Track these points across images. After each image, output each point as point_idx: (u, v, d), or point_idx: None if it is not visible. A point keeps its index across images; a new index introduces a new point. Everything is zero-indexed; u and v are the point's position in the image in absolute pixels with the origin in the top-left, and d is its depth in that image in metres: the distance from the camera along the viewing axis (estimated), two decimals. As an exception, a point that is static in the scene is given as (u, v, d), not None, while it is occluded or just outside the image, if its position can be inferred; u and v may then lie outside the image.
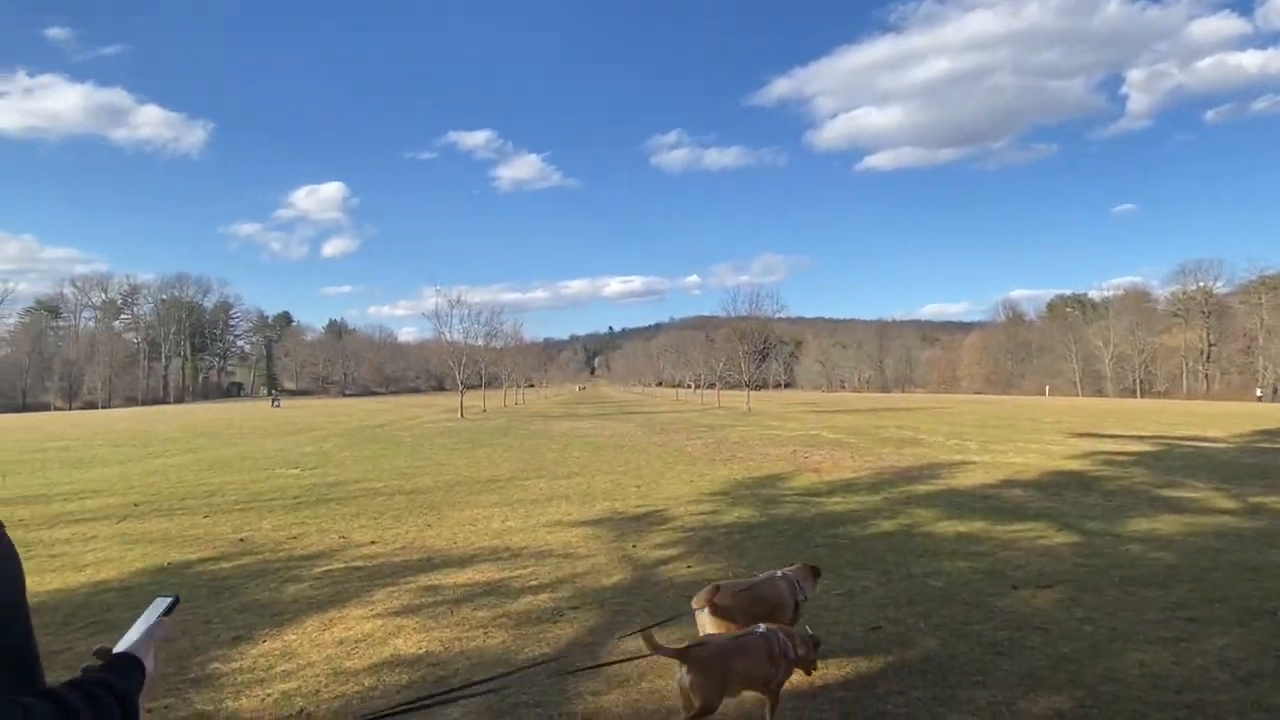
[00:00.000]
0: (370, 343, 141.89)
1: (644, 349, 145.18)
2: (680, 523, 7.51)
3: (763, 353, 39.62)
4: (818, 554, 6.01)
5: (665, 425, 24.82)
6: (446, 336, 39.07)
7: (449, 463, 14.10)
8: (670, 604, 4.75)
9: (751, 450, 15.11)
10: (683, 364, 79.63)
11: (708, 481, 10.54)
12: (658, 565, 5.81)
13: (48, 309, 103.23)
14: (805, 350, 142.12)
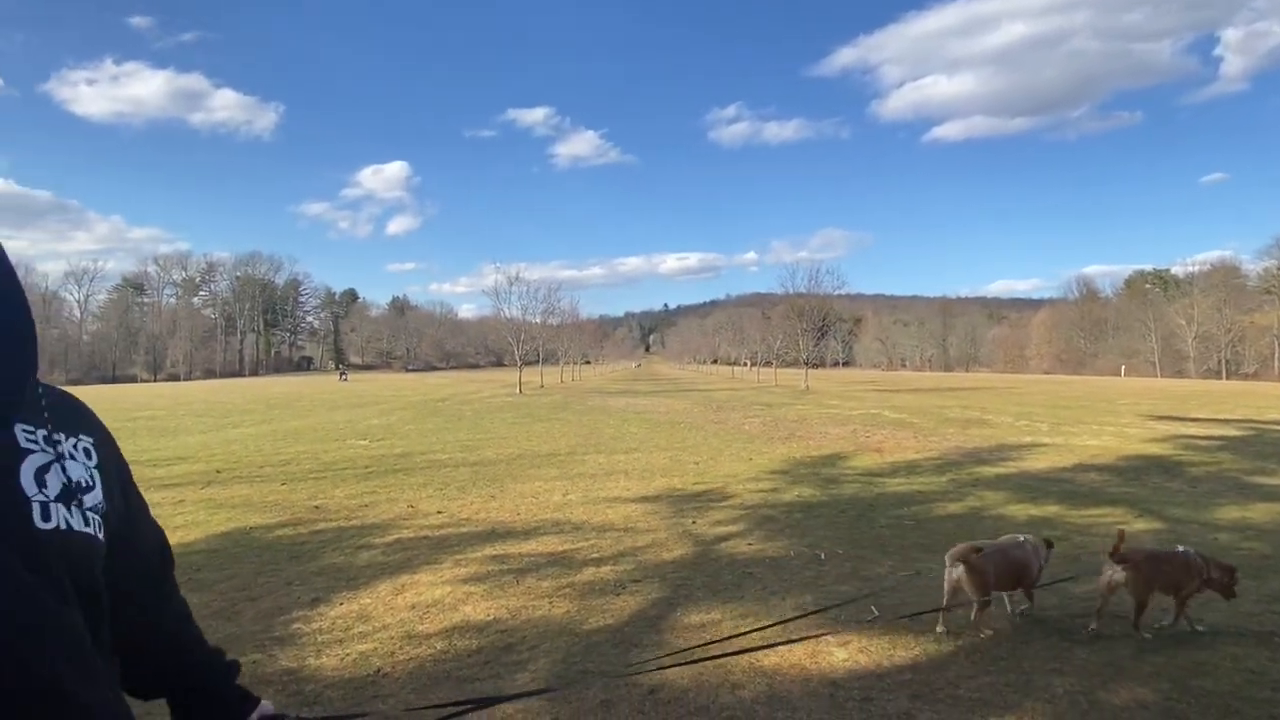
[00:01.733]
0: (431, 319, 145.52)
1: (699, 326, 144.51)
2: (739, 500, 7.48)
3: (821, 330, 38.90)
4: (882, 535, 5.91)
5: (722, 403, 24.71)
6: (505, 313, 39.68)
7: (510, 436, 14.38)
8: (732, 581, 4.76)
9: (810, 429, 14.92)
10: (739, 341, 78.95)
11: (766, 459, 10.47)
12: (718, 542, 5.81)
13: (134, 286, 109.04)
14: (864, 328, 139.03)
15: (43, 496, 0.86)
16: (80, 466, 0.93)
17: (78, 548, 0.87)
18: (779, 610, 4.20)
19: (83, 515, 0.88)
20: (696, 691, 3.17)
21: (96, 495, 0.93)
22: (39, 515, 0.85)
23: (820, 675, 3.33)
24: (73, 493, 0.89)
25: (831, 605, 4.26)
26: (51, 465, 0.89)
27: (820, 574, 4.89)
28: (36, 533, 0.84)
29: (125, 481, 1.04)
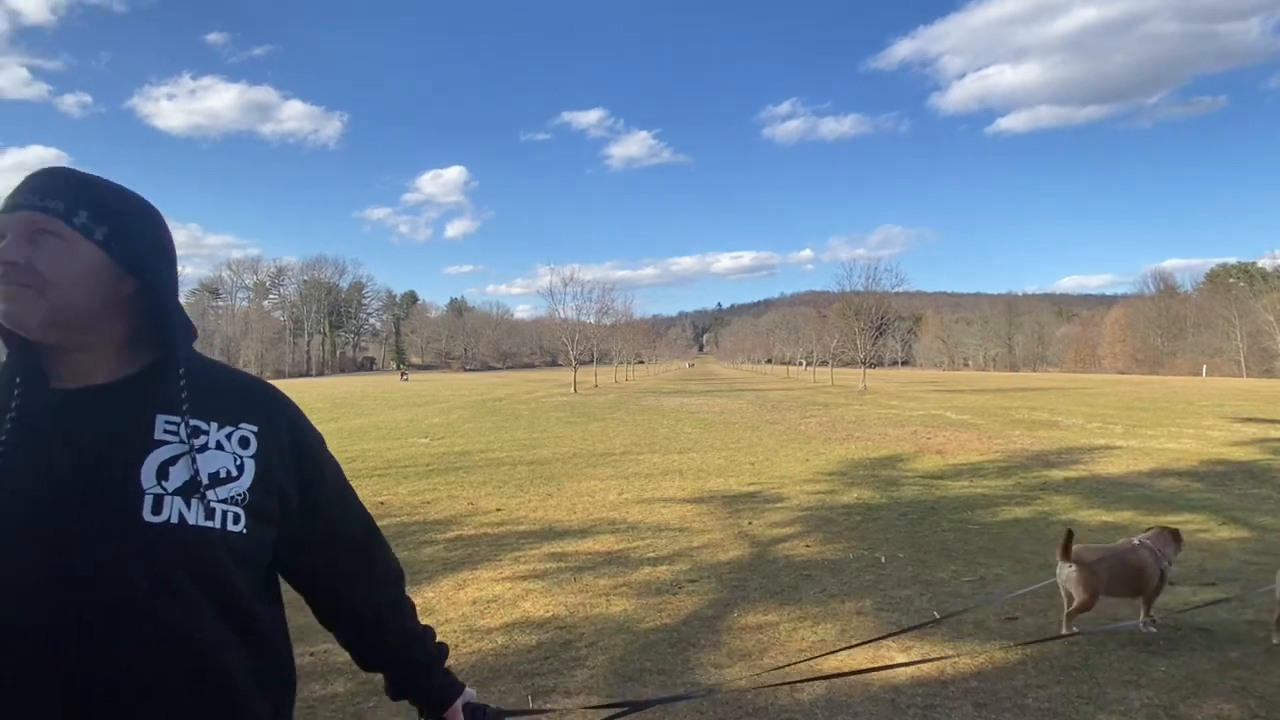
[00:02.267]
0: (488, 320, 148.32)
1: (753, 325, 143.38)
2: (796, 502, 7.40)
3: (879, 329, 38.02)
4: (945, 539, 5.77)
5: (777, 403, 24.47)
6: (560, 314, 40.15)
7: (565, 435, 14.55)
8: (790, 583, 4.72)
9: (869, 430, 14.64)
10: (794, 340, 78.03)
11: (823, 461, 10.32)
12: (774, 543, 5.77)
13: (209, 290, 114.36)
14: (925, 326, 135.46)
15: (159, 489, 0.87)
16: (225, 456, 0.93)
17: (190, 540, 0.87)
18: (838, 613, 4.15)
19: (205, 507, 0.88)
20: (755, 692, 3.16)
21: (239, 485, 0.92)
22: (149, 509, 0.86)
23: (881, 681, 3.27)
24: (196, 485, 0.89)
25: (952, 612, 4.18)
26: (181, 457, 0.90)
27: (880, 578, 4.81)
28: (144, 526, 0.85)
29: (308, 472, 1.02)
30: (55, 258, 0.88)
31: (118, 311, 0.93)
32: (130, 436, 0.89)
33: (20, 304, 0.87)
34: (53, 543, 0.83)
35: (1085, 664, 3.43)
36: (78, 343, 0.92)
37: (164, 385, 0.93)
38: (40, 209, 0.89)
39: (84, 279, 0.89)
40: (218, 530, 0.89)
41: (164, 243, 0.99)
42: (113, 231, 0.92)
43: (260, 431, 0.98)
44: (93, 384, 0.92)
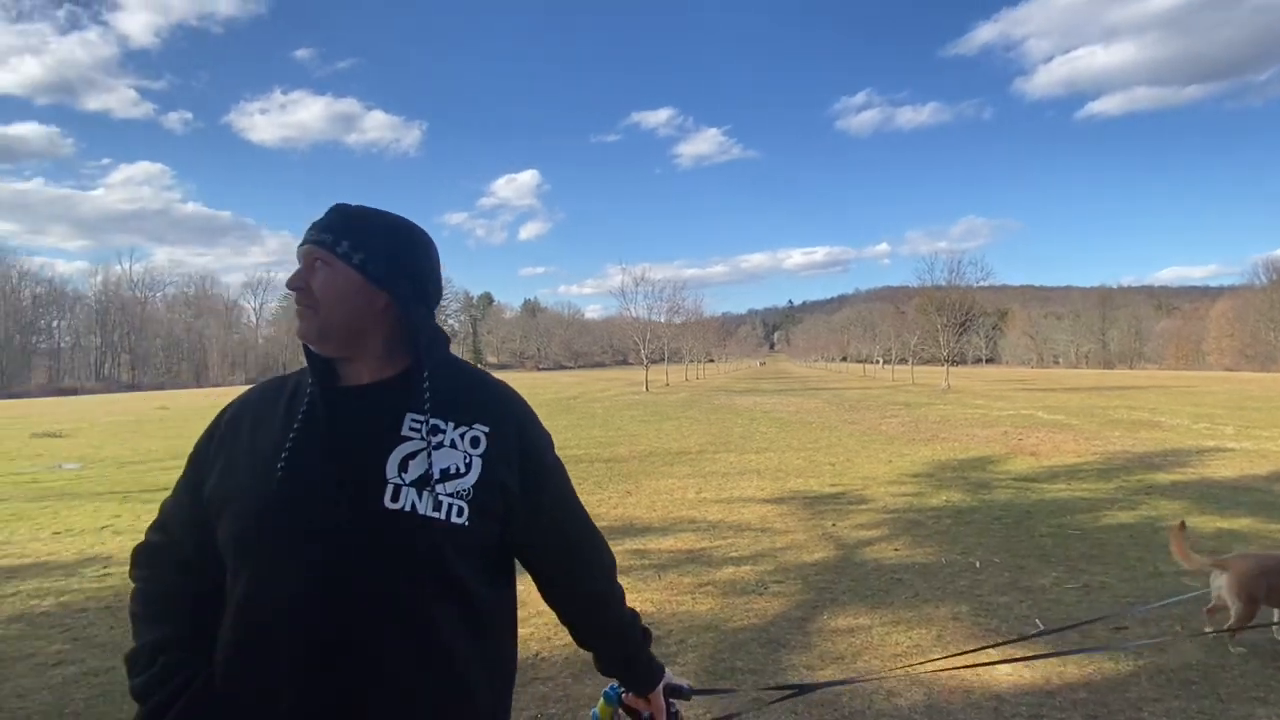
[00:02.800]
0: (560, 320, 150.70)
1: (826, 323, 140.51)
2: (881, 504, 7.24)
3: (963, 325, 36.60)
4: (1043, 544, 5.54)
5: (855, 402, 23.92)
6: (631, 313, 40.44)
7: (640, 434, 14.66)
8: (880, 586, 4.63)
9: (955, 430, 14.14)
10: (870, 338, 75.96)
11: (908, 462, 10.05)
12: (860, 546, 5.67)
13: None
14: (1011, 322, 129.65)
15: (399, 480, 1.01)
16: (456, 454, 1.04)
17: (418, 528, 1.00)
18: (933, 618, 4.05)
19: (435, 499, 1.01)
20: (850, 695, 3.13)
21: (465, 481, 1.04)
22: (389, 496, 1.00)
23: (983, 688, 3.18)
24: (428, 479, 1.01)
25: (1064, 626, 4.05)
26: (419, 453, 1.03)
27: (976, 583, 4.66)
28: (383, 511, 0.99)
29: (532, 474, 1.12)
30: (324, 282, 1.06)
31: (376, 323, 1.08)
32: (383, 431, 1.04)
33: (304, 321, 1.07)
34: (324, 500, 0.99)
35: (1206, 677, 3.24)
36: (347, 351, 1.08)
37: (413, 387, 1.07)
38: (316, 242, 1.07)
39: (345, 298, 1.06)
40: (442, 521, 1.01)
41: (412, 262, 1.12)
42: (368, 256, 1.07)
43: (491, 433, 1.09)
44: (357, 384, 1.09)
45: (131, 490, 8.97)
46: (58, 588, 4.98)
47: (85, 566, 5.49)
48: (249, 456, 1.06)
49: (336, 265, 1.06)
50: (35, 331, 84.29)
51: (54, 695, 3.31)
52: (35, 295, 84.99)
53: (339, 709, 0.98)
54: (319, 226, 1.09)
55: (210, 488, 1.07)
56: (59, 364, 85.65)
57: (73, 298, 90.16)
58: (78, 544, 6.22)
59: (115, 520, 7.17)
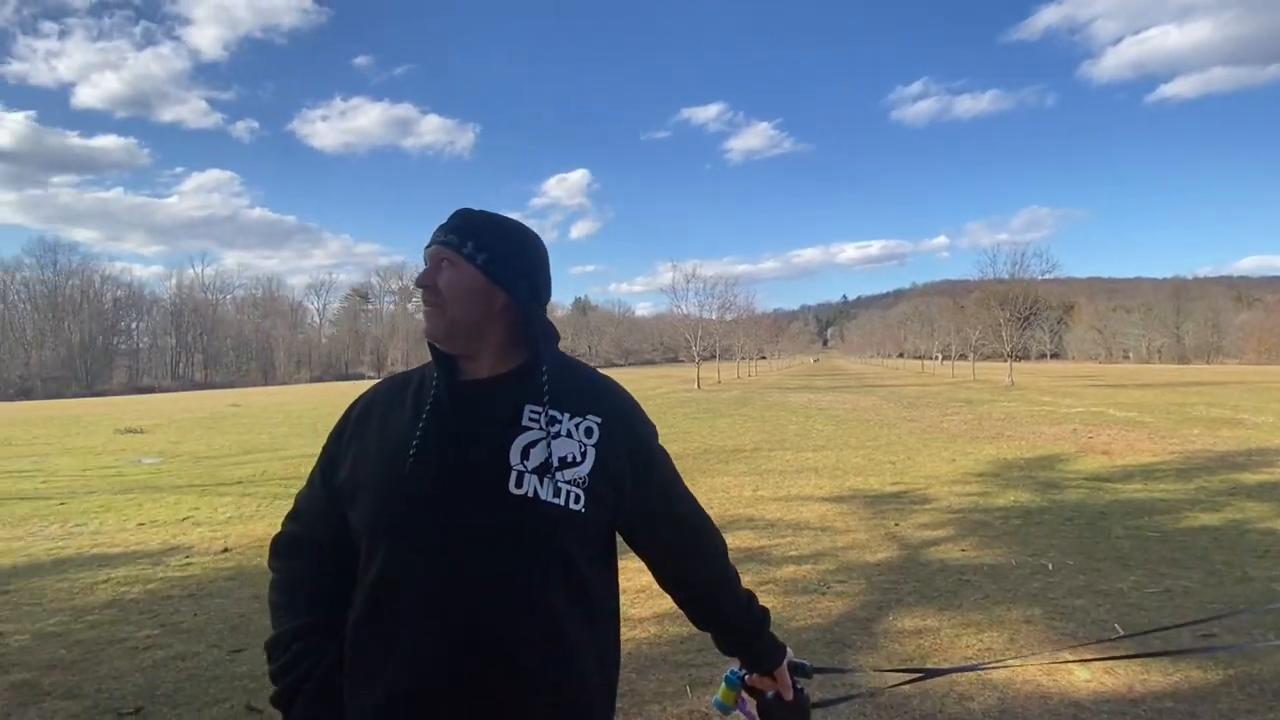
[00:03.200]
0: (610, 318, 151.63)
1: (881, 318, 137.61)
2: (945, 503, 7.06)
3: (1026, 319, 35.32)
4: (1120, 546, 5.31)
5: (913, 399, 23.36)
6: (682, 310, 40.30)
7: (694, 431, 14.61)
8: (947, 587, 4.51)
9: (1021, 428, 13.68)
10: (928, 333, 74.03)
11: (971, 461, 9.76)
12: (925, 546, 5.53)
13: (360, 295, 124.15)
14: (1076, 315, 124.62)
15: (521, 467, 1.06)
16: (572, 443, 1.10)
17: (540, 513, 1.05)
18: (1004, 621, 3.93)
19: (554, 486, 1.06)
20: (921, 699, 3.06)
21: (581, 470, 1.09)
22: (513, 482, 1.05)
23: (1061, 695, 3.07)
24: (548, 467, 1.07)
25: (1152, 630, 3.90)
26: (539, 442, 1.08)
27: (1048, 585, 4.50)
28: (508, 495, 1.05)
29: (642, 465, 1.16)
30: (450, 281, 1.11)
31: (496, 321, 1.14)
32: (504, 421, 1.10)
33: (431, 319, 1.13)
34: (453, 486, 1.05)
35: (1306, 691, 3.06)
36: (469, 348, 1.14)
37: (531, 380, 1.12)
38: (443, 243, 1.13)
39: (470, 296, 1.11)
40: (561, 507, 1.06)
41: (528, 263, 1.17)
42: (490, 257, 1.12)
43: (602, 424, 1.14)
44: (477, 378, 1.14)
45: (208, 484, 9.40)
46: (145, 575, 5.25)
47: (169, 556, 5.77)
48: (379, 447, 1.12)
49: (462, 265, 1.11)
50: (116, 333, 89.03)
51: (145, 678, 3.49)
52: (116, 298, 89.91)
53: (468, 689, 1.02)
54: (445, 229, 1.15)
55: (343, 478, 1.14)
56: (138, 363, 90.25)
57: (150, 300, 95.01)
58: (161, 534, 6.55)
59: (194, 512, 7.52)
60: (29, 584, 5.10)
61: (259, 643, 3.90)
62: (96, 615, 4.41)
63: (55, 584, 5.08)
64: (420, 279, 1.13)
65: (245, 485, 9.21)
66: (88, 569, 5.42)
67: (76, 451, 14.26)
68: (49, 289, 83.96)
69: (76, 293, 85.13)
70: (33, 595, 4.83)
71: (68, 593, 4.87)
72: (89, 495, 8.75)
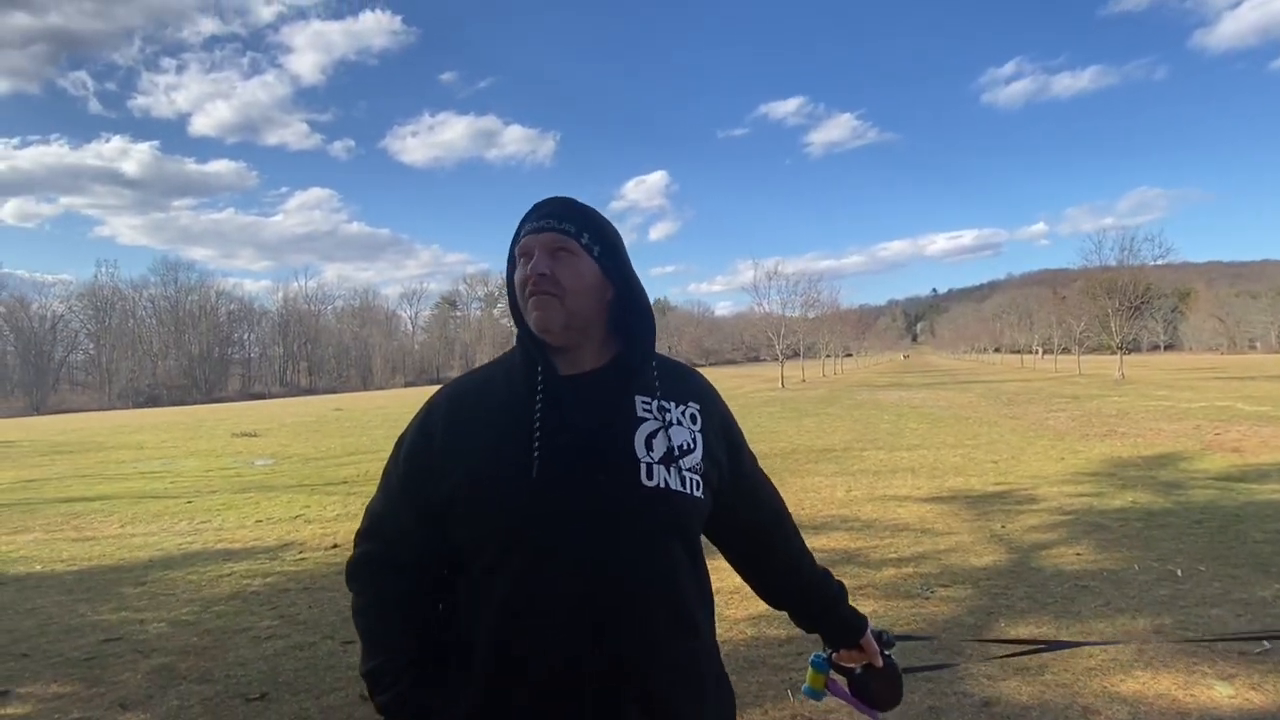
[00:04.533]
0: (690, 318, 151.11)
1: (975, 311, 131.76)
2: (1054, 504, 6.65)
3: (1136, 308, 32.91)
4: (1259, 551, 4.86)
5: (1014, 395, 22.20)
6: (764, 308, 39.74)
7: (780, 430, 14.38)
8: (1063, 594, 4.24)
9: (1136, 424, 12.76)
10: (1026, 326, 70.31)
11: (1081, 460, 9.17)
12: (1036, 549, 5.23)
13: (449, 303, 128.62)
14: (1193, 303, 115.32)
15: (649, 459, 1.06)
16: (685, 431, 1.10)
17: (673, 503, 1.05)
18: (1130, 631, 3.66)
19: (680, 475, 1.06)
20: (1040, 711, 2.88)
21: (696, 456, 1.09)
22: (644, 474, 1.04)
23: (1200, 711, 2.83)
24: (673, 456, 1.07)
25: (1201, 631, 3.59)
26: (659, 431, 1.08)
27: (1178, 593, 4.16)
28: (642, 488, 1.04)
29: (733, 443, 1.20)
30: (572, 271, 1.07)
31: (602, 314, 1.13)
32: (620, 413, 1.09)
33: (547, 310, 1.06)
34: (586, 482, 1.03)
35: None
36: (577, 341, 1.11)
37: (638, 372, 1.12)
38: (560, 230, 1.08)
39: (589, 288, 1.09)
40: (688, 495, 1.07)
41: (625, 256, 1.17)
42: (604, 249, 1.11)
43: (702, 409, 1.16)
44: (581, 371, 1.12)
45: (317, 484, 9.94)
46: (264, 569, 5.59)
47: (284, 551, 6.13)
48: (489, 452, 1.05)
49: (581, 256, 1.09)
50: (230, 344, 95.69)
51: (268, 665, 3.71)
52: (230, 312, 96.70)
53: (618, 685, 1.02)
54: (557, 215, 1.10)
55: (446, 490, 1.06)
56: (250, 371, 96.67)
57: (259, 313, 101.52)
58: (277, 531, 6.96)
59: (305, 510, 7.96)
60: (164, 575, 5.52)
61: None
62: (223, 606, 4.73)
63: (185, 576, 5.48)
64: (538, 266, 1.06)
65: (350, 485, 9.69)
66: (213, 563, 5.83)
67: (199, 454, 15.38)
68: (171, 304, 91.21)
69: (195, 307, 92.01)
70: (167, 586, 5.23)
71: (196, 584, 5.24)
72: (211, 494, 9.40)
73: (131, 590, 5.16)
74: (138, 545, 6.60)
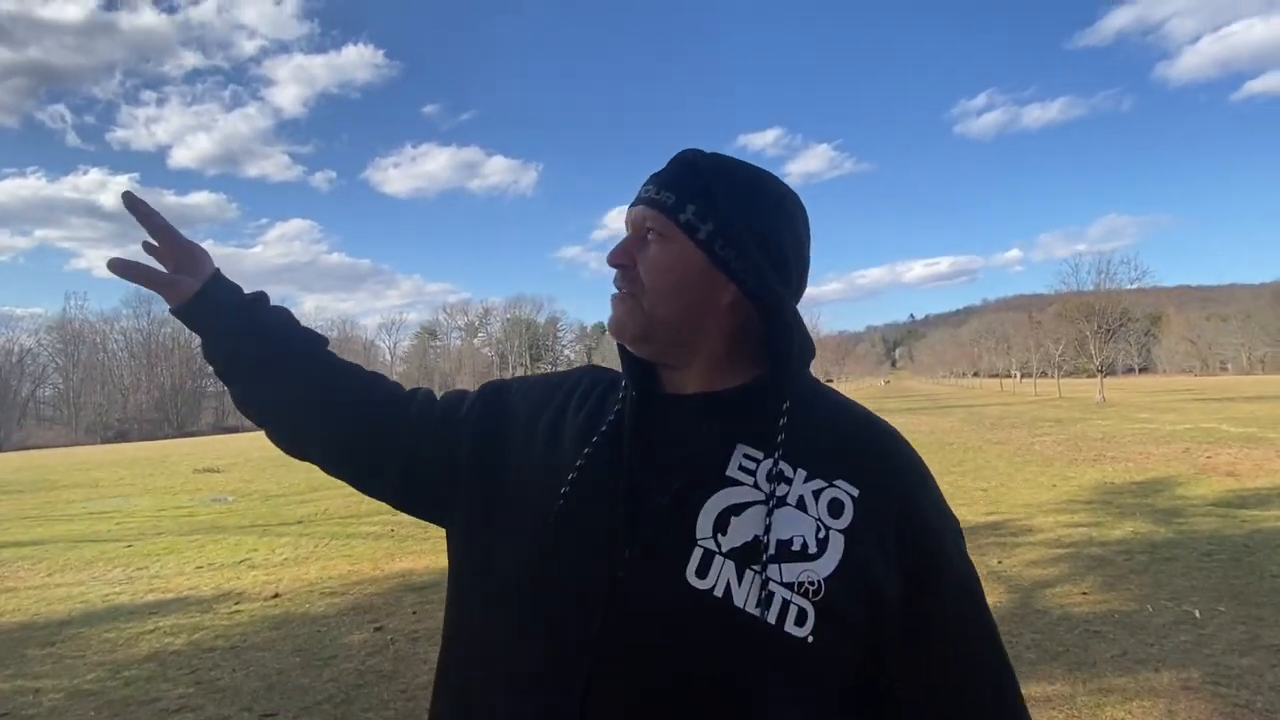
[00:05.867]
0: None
1: (953, 336, 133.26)
2: (1052, 535, 6.27)
3: (1109, 332, 33.22)
4: (1278, 585, 4.49)
5: (997, 420, 21.99)
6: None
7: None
8: (1074, 642, 3.83)
9: (1123, 448, 12.50)
10: (1003, 350, 70.98)
11: (1073, 486, 8.83)
12: (1038, 588, 4.82)
13: (429, 332, 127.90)
14: (1166, 326, 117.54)
15: (712, 544, 0.67)
16: (806, 522, 0.68)
17: (730, 628, 0.63)
18: (1155, 687, 3.25)
19: (761, 589, 0.64)
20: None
21: (815, 569, 0.66)
22: (695, 566, 0.66)
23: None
24: (756, 553, 0.66)
25: None
26: (749, 508, 0.68)
27: (1201, 639, 3.76)
28: (682, 587, 0.65)
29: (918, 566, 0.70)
30: (656, 260, 0.75)
31: (717, 323, 0.76)
32: (702, 464, 0.71)
33: (621, 310, 0.78)
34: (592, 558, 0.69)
35: None
36: (673, 356, 0.78)
37: (756, 411, 0.73)
38: (654, 203, 0.76)
39: (683, 285, 0.74)
40: (771, 627, 0.64)
41: (777, 239, 0.77)
42: (719, 228, 0.74)
43: (861, 498, 0.70)
44: (676, 394, 0.78)
45: (270, 524, 9.33)
46: (191, 624, 5.03)
47: (219, 603, 5.56)
48: (534, 457, 0.79)
49: (676, 239, 0.74)
50: (204, 376, 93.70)
51: (170, 747, 3.18)
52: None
53: None
54: (659, 181, 0.77)
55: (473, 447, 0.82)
56: (223, 405, 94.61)
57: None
58: (216, 578, 6.39)
59: (252, 554, 7.38)
60: (78, 634, 4.94)
61: (292, 705, 3.57)
62: (135, 670, 4.17)
63: (103, 634, 4.90)
64: (614, 255, 0.78)
65: (305, 524, 9.09)
66: (137, 618, 5.25)
67: (156, 491, 14.63)
68: (144, 337, 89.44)
69: (169, 340, 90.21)
70: (78, 647, 4.65)
71: (112, 644, 4.67)
72: (157, 537, 8.77)
73: (36, 652, 4.58)
74: (59, 597, 6.00)
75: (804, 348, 0.76)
